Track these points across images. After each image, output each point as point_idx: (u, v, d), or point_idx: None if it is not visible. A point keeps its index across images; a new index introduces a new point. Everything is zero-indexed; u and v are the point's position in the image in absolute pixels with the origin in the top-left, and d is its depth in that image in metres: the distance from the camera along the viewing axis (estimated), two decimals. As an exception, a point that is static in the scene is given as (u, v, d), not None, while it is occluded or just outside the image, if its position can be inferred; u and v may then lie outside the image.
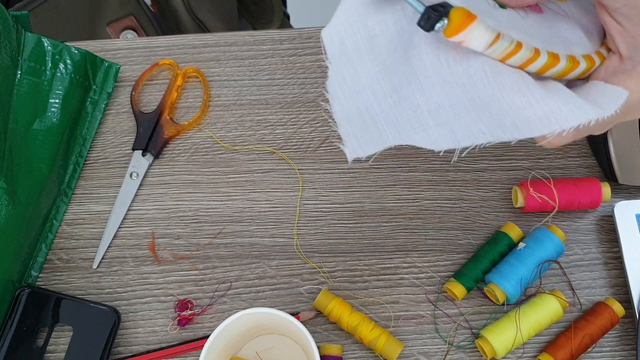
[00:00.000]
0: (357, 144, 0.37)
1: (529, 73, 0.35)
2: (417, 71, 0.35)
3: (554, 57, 0.35)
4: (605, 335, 0.52)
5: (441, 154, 0.35)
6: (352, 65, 0.36)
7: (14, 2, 0.80)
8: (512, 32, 0.34)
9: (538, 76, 0.35)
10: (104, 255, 0.56)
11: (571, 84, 0.39)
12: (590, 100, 0.35)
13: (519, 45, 0.33)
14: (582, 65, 0.36)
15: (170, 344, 0.53)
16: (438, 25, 0.32)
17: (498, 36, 0.32)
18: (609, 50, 0.39)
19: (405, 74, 0.35)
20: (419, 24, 0.32)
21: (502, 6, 0.37)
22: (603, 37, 0.40)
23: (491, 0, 0.37)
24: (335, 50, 0.37)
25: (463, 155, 0.33)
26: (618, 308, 0.51)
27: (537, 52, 0.34)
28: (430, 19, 0.32)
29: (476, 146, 0.34)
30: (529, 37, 0.35)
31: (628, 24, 0.36)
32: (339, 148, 0.59)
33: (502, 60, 0.34)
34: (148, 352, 0.52)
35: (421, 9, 0.32)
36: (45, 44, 0.57)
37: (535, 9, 0.39)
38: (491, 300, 0.53)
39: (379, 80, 0.36)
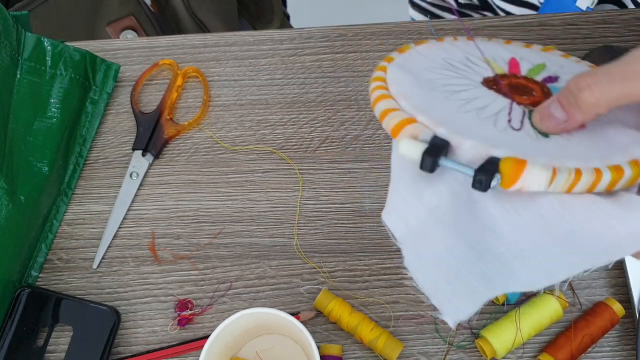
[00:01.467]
0: (454, 307, 0.35)
1: (599, 193, 0.34)
2: (488, 223, 0.34)
3: (617, 171, 0.34)
4: (605, 335, 0.51)
5: (542, 292, 0.34)
6: (423, 239, 0.36)
7: (14, 2, 0.80)
8: (566, 161, 0.33)
9: (609, 192, 0.34)
10: (104, 255, 0.56)
11: None
12: None
13: (579, 172, 0.32)
14: None
15: (170, 344, 0.53)
16: (493, 183, 0.31)
17: (554, 171, 0.32)
18: None
19: (478, 230, 0.35)
20: (474, 187, 0.32)
21: (545, 135, 0.36)
22: None
23: (532, 132, 0.36)
24: (402, 230, 0.36)
25: (564, 288, 0.33)
26: (618, 308, 0.51)
27: (599, 172, 0.33)
28: (482, 182, 0.31)
29: (574, 277, 0.33)
30: (584, 159, 0.34)
31: None
32: (340, 148, 0.59)
33: (568, 192, 0.33)
34: (148, 352, 0.52)
35: (471, 173, 0.32)
36: (45, 44, 0.57)
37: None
38: (491, 300, 0.53)
39: (454, 244, 0.35)
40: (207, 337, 0.47)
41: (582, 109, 0.34)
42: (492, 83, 0.40)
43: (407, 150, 0.34)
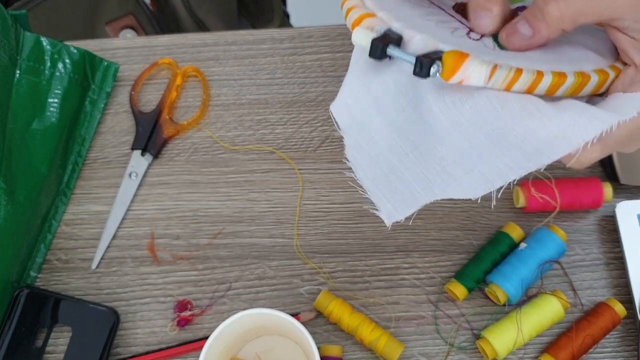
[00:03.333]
0: (391, 206, 0.37)
1: (539, 96, 0.34)
2: (432, 123, 0.35)
3: (560, 75, 0.34)
4: (607, 336, 0.51)
5: (478, 201, 0.35)
6: (365, 131, 0.37)
7: (12, 2, 0.80)
8: (511, 62, 0.34)
9: (550, 97, 0.35)
10: (103, 255, 0.56)
11: (591, 100, 0.38)
12: (607, 108, 0.34)
13: (519, 71, 0.33)
14: (594, 78, 0.36)
15: (170, 344, 0.53)
16: (433, 70, 0.32)
17: (495, 67, 0.33)
18: (624, 64, 0.38)
19: (421, 129, 0.35)
20: (414, 73, 0.33)
21: (502, 47, 0.37)
22: (615, 55, 0.39)
23: (490, 44, 0.37)
24: (346, 119, 0.37)
25: (499, 196, 0.33)
26: (620, 308, 0.51)
27: (540, 74, 0.34)
28: (423, 65, 0.32)
29: (510, 184, 0.34)
30: (531, 62, 0.35)
31: None
32: (340, 148, 0.59)
33: (507, 89, 0.34)
34: (147, 353, 0.52)
35: (411, 59, 0.33)
36: (44, 44, 0.57)
37: None
38: (492, 301, 0.53)
39: (396, 140, 0.36)
40: (206, 338, 0.47)
41: (547, 23, 0.35)
42: (461, 7, 0.40)
43: (360, 38, 0.35)
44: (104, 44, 0.64)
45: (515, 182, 0.34)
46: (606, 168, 0.55)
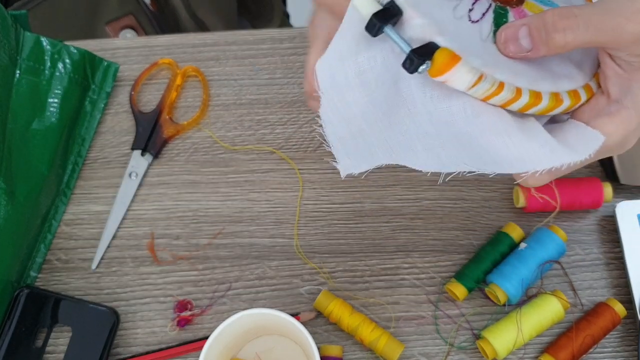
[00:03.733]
0: (350, 161, 0.39)
1: (510, 111, 0.36)
2: (407, 99, 0.36)
3: (536, 97, 0.36)
4: (607, 336, 0.51)
5: (428, 174, 0.38)
6: (343, 97, 0.38)
7: (12, 1, 0.80)
8: (496, 71, 0.34)
9: (520, 113, 0.36)
10: (103, 255, 0.56)
11: (555, 118, 0.40)
12: (566, 142, 0.36)
13: (501, 86, 0.34)
14: (566, 103, 0.37)
15: (170, 344, 0.53)
16: (422, 68, 0.33)
17: (480, 78, 0.33)
18: (598, 85, 0.39)
19: (395, 101, 0.37)
20: (403, 66, 0.33)
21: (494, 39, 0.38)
22: (595, 68, 0.40)
23: (487, 29, 0.38)
24: (327, 82, 0.38)
25: (447, 180, 0.35)
26: (620, 308, 0.51)
27: (518, 93, 0.35)
28: (413, 63, 0.33)
29: (460, 172, 0.37)
30: (514, 75, 0.35)
31: (628, 68, 0.36)
32: (339, 148, 0.59)
33: (485, 100, 0.35)
34: (147, 353, 0.52)
35: (407, 49, 0.33)
36: (44, 44, 0.57)
37: None
38: (492, 301, 0.53)
39: (370, 109, 0.38)
40: (206, 338, 0.47)
41: (549, 47, 0.35)
42: None
43: (361, 5, 0.35)
44: (104, 44, 0.64)
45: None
46: (606, 168, 0.55)
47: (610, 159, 0.54)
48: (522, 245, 0.52)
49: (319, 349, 0.47)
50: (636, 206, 0.53)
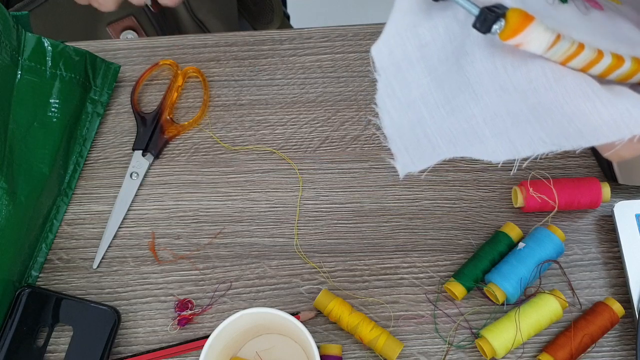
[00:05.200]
0: (409, 158, 0.35)
1: (591, 76, 0.33)
2: (471, 79, 0.33)
3: (618, 59, 0.33)
4: (605, 335, 0.52)
5: (499, 165, 0.33)
6: (403, 76, 0.35)
7: (14, 2, 0.80)
8: (572, 32, 0.32)
9: (601, 79, 0.33)
10: (104, 255, 0.56)
11: (635, 88, 0.36)
12: None
13: (581, 46, 0.31)
14: None
15: (170, 343, 0.53)
16: (495, 27, 0.30)
17: (558, 37, 0.31)
18: None
19: (458, 83, 0.34)
20: (474, 25, 0.31)
21: (564, 0, 0.35)
22: None
23: None
24: (384, 60, 0.35)
25: (524, 166, 0.32)
26: (618, 308, 0.51)
27: (600, 54, 0.32)
28: (487, 20, 0.30)
29: (537, 156, 0.32)
30: (592, 37, 0.33)
31: None
32: (340, 148, 0.59)
33: (563, 63, 0.32)
34: (148, 352, 0.53)
35: (476, 11, 0.31)
36: (46, 44, 0.57)
37: (596, 5, 0.37)
38: (491, 300, 0.53)
39: (431, 90, 0.34)
40: (207, 337, 0.47)
41: None
42: None
43: None
44: (105, 45, 0.64)
45: (521, 164, 0.32)
46: (604, 168, 0.56)
47: (608, 159, 0.54)
48: (521, 244, 0.52)
49: (318, 347, 0.47)
50: (634, 206, 0.53)
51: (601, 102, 0.31)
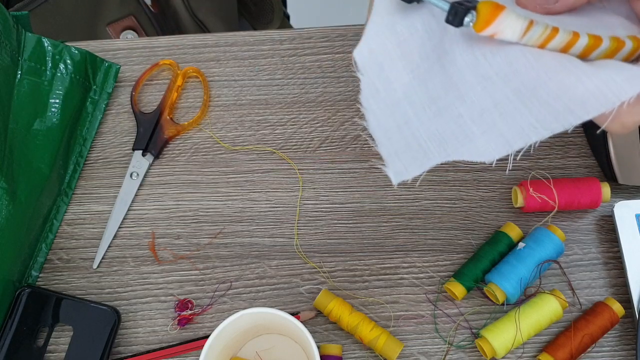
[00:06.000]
0: (401, 164, 0.34)
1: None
2: (454, 78, 0.33)
3: (596, 39, 0.33)
4: (605, 335, 0.52)
5: (493, 164, 0.32)
6: (385, 75, 0.35)
7: (14, 2, 0.80)
8: (546, 19, 0.32)
9: (582, 60, 0.33)
10: (104, 255, 0.56)
11: None
12: None
13: (555, 29, 0.32)
14: (629, 45, 0.34)
15: (171, 343, 0.53)
16: (467, 19, 0.31)
17: (531, 23, 0.31)
18: None
19: (442, 83, 0.34)
20: (447, 20, 0.31)
21: None
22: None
23: None
24: (365, 59, 0.35)
25: (518, 158, 0.31)
26: (618, 308, 0.51)
27: (576, 35, 0.32)
28: (458, 13, 0.31)
29: (530, 146, 0.32)
30: (565, 25, 0.33)
31: None
32: (340, 148, 0.59)
33: (541, 47, 0.32)
34: (148, 352, 0.53)
35: (446, 6, 0.31)
36: (46, 44, 0.57)
37: None
38: (491, 300, 0.53)
39: (415, 89, 0.34)
40: (207, 337, 0.47)
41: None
42: None
43: None
44: (105, 45, 0.64)
45: (519, 155, 0.31)
46: (604, 168, 0.56)
47: (608, 159, 0.54)
48: (521, 244, 0.52)
49: (318, 347, 0.47)
50: (634, 206, 0.53)
51: (584, 73, 0.31)
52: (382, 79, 0.35)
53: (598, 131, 0.33)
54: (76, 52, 0.58)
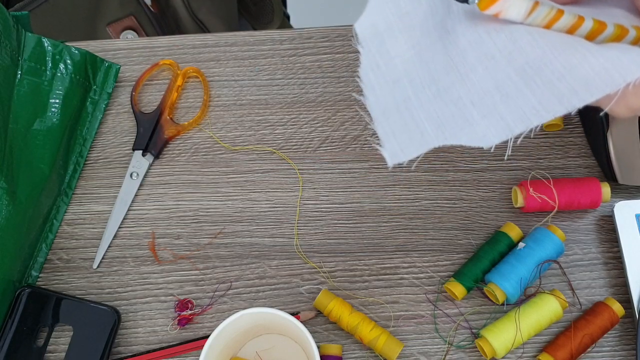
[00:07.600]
0: (397, 145, 0.33)
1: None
2: (455, 59, 0.32)
3: (600, 24, 0.32)
4: (605, 335, 0.52)
5: (492, 150, 0.31)
6: (385, 49, 0.34)
7: (14, 2, 0.80)
8: (550, 3, 0.32)
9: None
10: (104, 255, 0.56)
11: None
12: None
13: (560, 11, 0.31)
14: (632, 33, 0.33)
15: (171, 343, 0.53)
16: None
17: (537, 3, 0.30)
18: None
19: (443, 64, 0.33)
20: None
21: None
22: None
23: None
24: (367, 32, 0.34)
25: (518, 141, 0.30)
26: (618, 308, 0.51)
27: (581, 18, 0.31)
28: None
29: (531, 131, 0.30)
30: (569, 10, 0.33)
31: None
32: (340, 148, 0.59)
33: (545, 28, 0.32)
34: (148, 352, 0.53)
35: None
36: (46, 44, 0.57)
37: None
38: (491, 300, 0.53)
39: (416, 66, 0.33)
40: (207, 337, 0.47)
41: None
42: None
43: None
44: (105, 45, 0.64)
45: (524, 134, 0.30)
46: (604, 168, 0.56)
47: (608, 159, 0.54)
48: (521, 244, 0.52)
49: (318, 347, 0.47)
50: (634, 206, 0.53)
51: (590, 52, 0.30)
52: (382, 52, 0.34)
53: (601, 113, 0.32)
54: (76, 52, 0.58)
